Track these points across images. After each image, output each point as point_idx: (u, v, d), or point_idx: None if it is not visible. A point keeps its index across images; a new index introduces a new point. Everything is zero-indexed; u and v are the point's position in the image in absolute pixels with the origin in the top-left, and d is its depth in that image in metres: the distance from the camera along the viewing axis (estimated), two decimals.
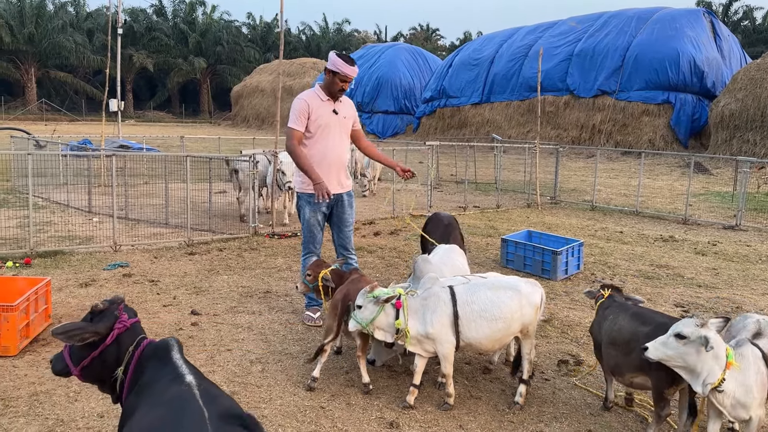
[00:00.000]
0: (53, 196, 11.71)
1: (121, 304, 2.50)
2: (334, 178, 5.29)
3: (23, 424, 3.49)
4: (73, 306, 5.55)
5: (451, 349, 3.82)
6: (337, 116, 5.30)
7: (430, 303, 3.83)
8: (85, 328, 2.40)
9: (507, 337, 3.90)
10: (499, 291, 3.87)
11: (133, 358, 2.36)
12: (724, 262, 8.34)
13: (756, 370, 3.04)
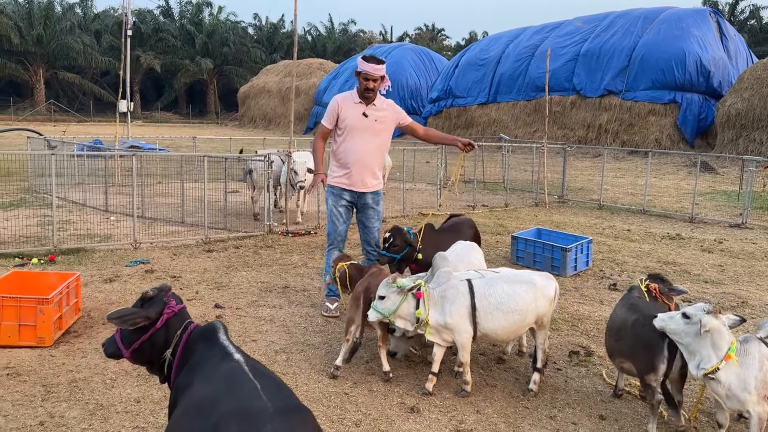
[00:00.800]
0: (70, 196, 11.94)
1: (169, 291, 2.70)
2: (357, 177, 5.49)
3: (65, 409, 3.70)
4: (100, 300, 5.76)
5: (469, 339, 4.00)
6: (366, 119, 5.44)
7: (449, 295, 4.02)
8: (137, 313, 2.60)
9: (522, 328, 4.08)
10: (515, 284, 4.06)
11: (181, 340, 2.56)
12: (730, 259, 8.50)
13: (759, 368, 3.14)
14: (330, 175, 5.61)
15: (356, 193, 5.53)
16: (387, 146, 5.73)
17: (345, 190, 5.56)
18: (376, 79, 5.34)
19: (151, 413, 3.68)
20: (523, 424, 3.71)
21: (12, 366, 4.23)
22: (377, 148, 5.57)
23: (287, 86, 44.96)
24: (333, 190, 5.58)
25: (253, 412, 1.98)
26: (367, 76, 5.32)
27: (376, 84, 5.37)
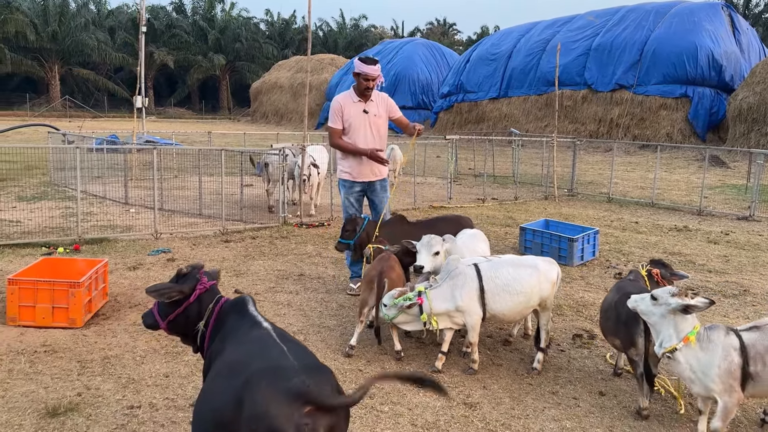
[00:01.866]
0: (89, 189, 12.28)
1: (201, 269, 2.97)
2: (366, 167, 6.10)
3: (100, 382, 3.98)
4: (126, 286, 6.05)
5: (478, 320, 4.24)
6: (367, 115, 6.03)
7: (458, 281, 4.26)
8: (172, 288, 2.88)
9: (527, 309, 4.33)
10: (519, 268, 4.30)
11: (213, 312, 2.83)
12: (736, 250, 8.65)
13: (723, 357, 3.25)
14: (340, 170, 6.16)
15: (366, 182, 6.14)
16: (385, 134, 6.26)
17: (356, 182, 6.15)
18: (375, 78, 5.89)
19: (180, 386, 3.95)
20: (526, 399, 3.94)
21: (48, 344, 4.52)
22: (379, 138, 6.15)
23: (299, 82, 45.22)
24: (345, 183, 6.17)
25: (281, 368, 2.24)
26: (367, 76, 5.87)
27: (374, 83, 5.91)
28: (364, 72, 5.86)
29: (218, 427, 2.29)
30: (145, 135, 18.57)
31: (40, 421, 3.47)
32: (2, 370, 4.07)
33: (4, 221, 8.95)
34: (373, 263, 4.87)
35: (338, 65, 45.16)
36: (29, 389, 3.83)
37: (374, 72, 5.86)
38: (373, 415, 3.68)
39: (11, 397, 3.73)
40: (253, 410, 2.12)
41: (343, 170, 6.16)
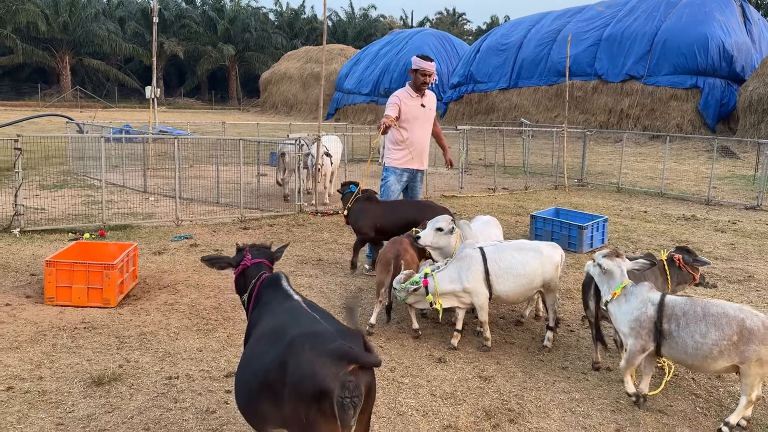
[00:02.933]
0: (108, 178, 12.55)
1: (247, 248, 3.26)
2: (416, 158, 6.59)
3: (138, 355, 4.25)
4: (153, 269, 6.33)
5: (485, 300, 4.49)
6: (423, 109, 6.52)
7: (464, 263, 4.53)
8: (222, 260, 3.32)
9: (531, 290, 4.59)
10: (523, 252, 4.56)
11: (255, 286, 3.10)
12: (742, 238, 8.84)
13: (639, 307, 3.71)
14: (390, 158, 6.58)
15: (413, 171, 6.68)
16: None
17: (407, 170, 6.63)
18: (431, 74, 6.31)
19: (213, 359, 4.22)
20: (538, 373, 4.19)
21: (87, 321, 4.80)
22: (429, 132, 6.74)
23: (308, 72, 45.37)
24: (395, 170, 6.61)
25: (321, 333, 2.49)
26: (424, 72, 6.31)
27: (430, 79, 6.33)
28: (422, 68, 6.28)
29: (262, 388, 2.55)
30: (158, 125, 18.83)
31: (86, 389, 3.74)
32: (47, 345, 4.35)
33: (29, 209, 9.24)
34: (387, 246, 5.12)
35: (347, 55, 45.25)
36: (73, 361, 4.11)
37: (429, 67, 6.27)
38: (395, 386, 3.93)
39: (58, 368, 4.01)
40: (299, 371, 2.37)
41: (395, 158, 6.58)
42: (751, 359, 3.42)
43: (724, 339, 3.45)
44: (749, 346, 3.41)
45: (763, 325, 3.43)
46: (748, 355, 3.42)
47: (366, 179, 6.98)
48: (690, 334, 3.54)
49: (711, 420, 3.67)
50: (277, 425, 2.55)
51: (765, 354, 3.40)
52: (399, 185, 6.66)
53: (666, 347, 3.63)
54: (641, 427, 3.54)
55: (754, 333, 3.42)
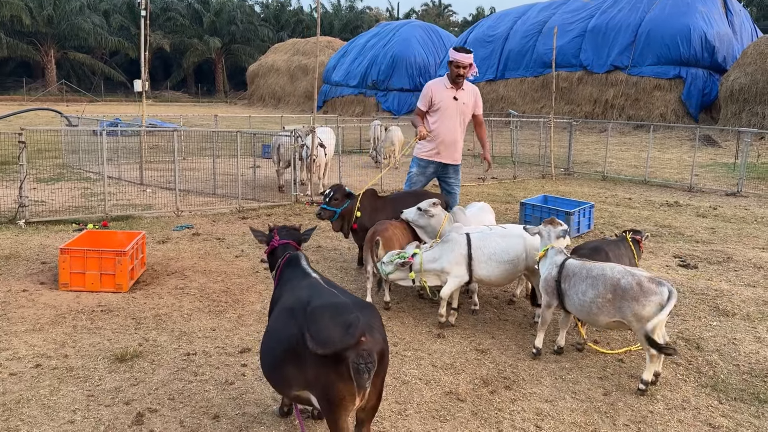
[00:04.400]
0: (103, 171, 12.70)
1: (275, 229, 3.60)
2: (446, 152, 6.46)
3: (155, 335, 4.51)
4: (160, 257, 6.56)
5: (459, 282, 4.78)
6: (456, 102, 6.35)
7: (448, 246, 4.84)
8: (260, 236, 3.73)
9: (514, 275, 4.88)
10: (507, 238, 4.84)
11: (279, 265, 3.39)
12: (722, 222, 9.22)
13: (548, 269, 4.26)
14: (419, 149, 6.53)
15: (442, 165, 6.52)
16: (465, 123, 6.58)
17: (432, 162, 6.51)
18: (466, 66, 6.20)
19: (227, 337, 4.49)
20: (530, 346, 4.49)
21: (103, 305, 5.05)
22: (462, 127, 6.52)
23: (296, 65, 45.40)
24: (420, 162, 6.54)
25: (339, 304, 2.78)
26: (458, 64, 6.19)
27: (466, 71, 6.23)
28: (456, 59, 6.16)
29: (285, 354, 2.83)
30: (148, 119, 18.87)
31: (110, 365, 4.00)
32: (67, 326, 4.60)
33: (30, 201, 9.41)
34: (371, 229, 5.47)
35: (335, 48, 45.32)
36: (95, 341, 4.36)
37: (466, 59, 6.14)
38: (399, 358, 4.23)
39: (81, 347, 4.26)
40: (319, 338, 2.65)
41: (421, 150, 6.52)
42: (629, 315, 3.81)
43: (599, 297, 3.92)
44: (624, 303, 3.82)
45: (638, 285, 3.79)
46: (625, 312, 3.83)
47: (359, 170, 7.22)
48: (575, 293, 4.05)
49: (690, 385, 3.99)
50: (300, 388, 2.83)
51: (640, 311, 3.76)
52: (423, 177, 6.58)
53: (565, 304, 4.17)
54: (626, 392, 3.87)
55: (627, 291, 3.81)
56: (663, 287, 3.79)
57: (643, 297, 3.78)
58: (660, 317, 3.73)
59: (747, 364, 4.31)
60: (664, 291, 3.77)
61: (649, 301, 3.76)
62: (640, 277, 3.84)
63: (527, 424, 3.46)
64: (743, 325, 5.04)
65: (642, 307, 3.77)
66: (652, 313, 3.74)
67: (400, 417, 3.50)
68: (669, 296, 3.75)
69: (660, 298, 3.75)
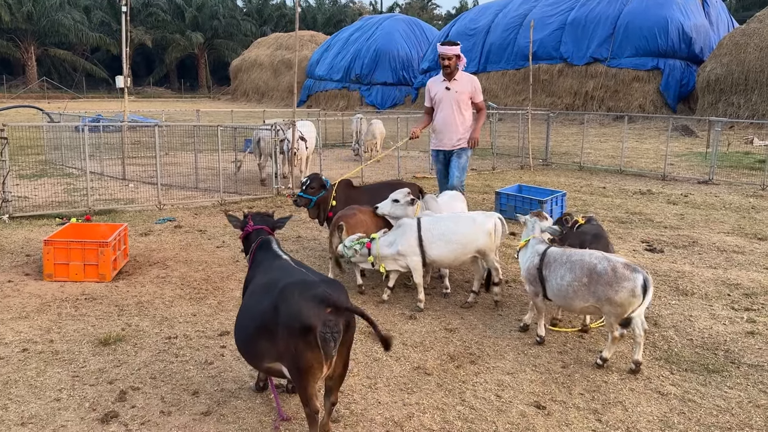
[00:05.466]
0: (86, 166, 12.78)
1: (249, 215, 3.77)
2: (446, 138, 6.94)
3: (138, 321, 4.69)
4: (142, 249, 6.73)
5: (418, 262, 5.01)
6: (449, 92, 6.79)
7: (401, 231, 5.11)
8: (236, 221, 3.90)
9: (464, 255, 5.04)
10: (457, 220, 5.10)
11: (253, 249, 3.60)
12: (692, 209, 9.52)
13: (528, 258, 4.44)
14: (431, 142, 7.19)
15: (447, 152, 6.99)
16: (469, 113, 6.94)
17: (439, 151, 7.06)
18: (451, 57, 6.65)
19: (207, 322, 4.69)
20: (496, 325, 4.74)
21: (87, 293, 5.22)
22: (461, 114, 6.88)
23: (279, 59, 45.37)
24: (433, 153, 7.20)
25: (307, 281, 2.99)
26: (443, 55, 6.70)
27: (452, 62, 6.67)
28: (441, 52, 6.68)
29: (259, 329, 3.04)
30: (130, 115, 18.89)
31: (95, 349, 4.19)
32: (52, 314, 4.77)
33: (13, 197, 9.50)
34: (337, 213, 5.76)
35: (318, 42, 45.35)
36: (79, 327, 4.54)
37: (447, 51, 6.62)
38: (371, 338, 4.44)
39: (66, 333, 4.43)
40: (289, 312, 2.87)
41: (432, 142, 7.17)
42: (602, 299, 3.98)
43: (576, 280, 4.08)
44: (598, 288, 3.97)
45: (613, 270, 3.93)
46: (599, 296, 3.99)
47: (340, 163, 7.44)
48: (555, 277, 4.21)
49: (645, 358, 4.24)
50: (272, 360, 3.04)
51: (613, 296, 3.92)
52: (440, 165, 7.11)
53: (549, 291, 4.30)
54: (583, 365, 4.11)
55: (602, 276, 3.97)
56: (637, 274, 3.90)
57: (616, 282, 3.91)
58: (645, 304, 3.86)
59: (700, 339, 4.58)
60: (638, 278, 3.88)
61: (621, 286, 3.90)
62: (616, 263, 3.97)
63: (488, 394, 3.69)
64: (700, 303, 5.31)
65: (615, 293, 3.91)
66: (624, 299, 3.89)
67: (370, 390, 3.72)
68: (645, 284, 3.86)
69: (632, 284, 3.87)
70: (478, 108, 7.03)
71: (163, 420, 3.36)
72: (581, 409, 3.56)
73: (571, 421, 3.43)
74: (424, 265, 5.08)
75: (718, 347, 4.43)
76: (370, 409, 3.51)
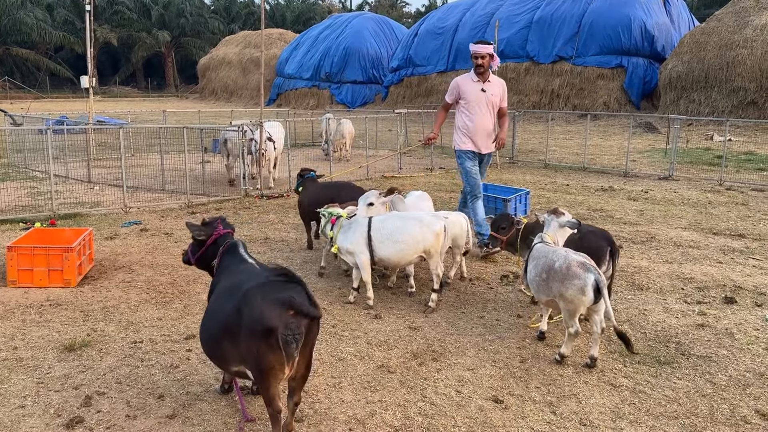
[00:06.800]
0: (50, 169, 12.59)
1: (219, 219, 3.80)
2: (480, 142, 6.88)
3: (104, 326, 4.71)
4: (108, 253, 6.70)
5: (366, 261, 5.11)
6: (484, 93, 6.70)
7: (352, 227, 5.21)
8: (201, 229, 3.84)
9: (411, 255, 5.11)
10: (405, 220, 5.19)
11: (221, 252, 3.65)
12: (651, 205, 9.81)
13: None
14: (458, 142, 6.99)
15: (479, 154, 6.96)
16: (495, 115, 6.93)
17: (475, 153, 6.94)
18: (484, 56, 6.53)
19: (173, 326, 4.72)
20: (459, 322, 4.87)
21: (52, 299, 5.20)
22: (491, 117, 6.86)
23: (248, 57, 45.02)
24: (466, 154, 6.94)
25: (269, 285, 3.06)
26: (476, 54, 6.56)
27: (485, 61, 6.55)
28: (474, 50, 6.57)
29: (223, 332, 3.11)
30: (95, 116, 18.65)
31: (60, 355, 4.20)
32: (16, 320, 4.75)
33: None
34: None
35: (287, 40, 45.10)
36: (44, 333, 4.54)
37: (481, 50, 6.51)
38: (336, 338, 4.54)
39: (30, 339, 4.43)
40: (251, 315, 2.94)
41: (463, 142, 6.93)
42: (557, 295, 4.14)
43: (538, 276, 4.28)
44: (553, 284, 4.14)
45: (567, 268, 4.07)
46: (554, 292, 4.15)
47: (310, 162, 7.53)
48: (530, 271, 4.42)
49: (600, 352, 4.41)
50: (237, 362, 3.11)
51: (564, 292, 4.06)
52: (474, 167, 7.00)
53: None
54: (541, 359, 4.27)
55: (557, 273, 4.11)
56: (589, 274, 4.00)
57: (567, 279, 4.05)
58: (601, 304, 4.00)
59: (653, 332, 4.77)
60: (589, 278, 3.98)
61: (571, 284, 4.03)
62: (572, 262, 4.09)
63: (449, 390, 3.82)
64: (655, 297, 5.52)
65: (565, 289, 4.04)
66: (573, 296, 4.02)
67: (334, 389, 3.81)
68: (596, 284, 3.96)
69: (581, 282, 3.99)
70: (502, 112, 7.03)
71: (128, 424, 3.41)
72: (537, 402, 3.71)
73: (527, 414, 3.57)
74: (374, 263, 5.18)
75: (669, 340, 4.62)
76: (334, 408, 3.60)
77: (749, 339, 4.61)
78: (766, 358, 4.29)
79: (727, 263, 6.57)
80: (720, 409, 3.65)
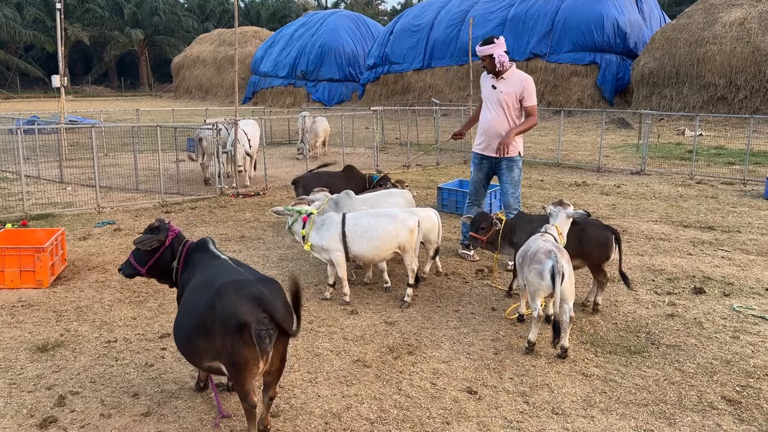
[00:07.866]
0: (21, 170, 12.39)
1: (169, 221, 3.74)
2: (487, 140, 6.28)
3: (77, 326, 4.66)
4: (81, 253, 6.63)
5: (341, 258, 5.14)
6: (494, 90, 6.14)
7: (326, 224, 5.22)
8: (152, 237, 3.68)
9: (386, 251, 5.16)
10: (379, 217, 5.22)
11: (182, 252, 3.61)
12: (623, 199, 9.97)
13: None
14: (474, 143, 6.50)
15: (491, 159, 6.31)
16: (516, 116, 6.16)
17: (483, 157, 6.38)
18: (484, 58, 6.07)
19: (147, 325, 4.70)
20: (434, 316, 4.92)
21: (24, 300, 5.14)
22: (505, 115, 6.15)
23: (222, 55, 44.66)
24: (474, 157, 6.49)
25: (243, 280, 3.07)
26: (479, 56, 6.17)
27: (487, 62, 6.07)
28: (477, 51, 6.15)
29: (197, 327, 3.11)
30: (68, 115, 18.38)
31: (32, 356, 4.15)
32: None
33: None
34: None
35: (262, 38, 44.81)
36: (16, 334, 4.48)
37: (482, 50, 5.99)
38: (313, 334, 4.56)
39: (2, 341, 4.38)
40: (224, 310, 2.95)
41: (475, 143, 6.47)
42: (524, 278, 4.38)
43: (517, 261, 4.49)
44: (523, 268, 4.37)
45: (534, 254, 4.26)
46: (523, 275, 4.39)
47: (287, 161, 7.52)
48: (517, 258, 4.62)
49: (572, 343, 4.49)
50: (211, 358, 3.12)
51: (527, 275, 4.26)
52: (480, 174, 6.44)
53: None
54: (514, 351, 4.33)
55: (526, 258, 4.35)
56: (548, 260, 4.14)
57: (530, 264, 4.25)
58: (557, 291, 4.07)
59: (624, 323, 4.87)
60: (547, 264, 4.13)
61: (532, 268, 4.22)
62: (539, 249, 4.23)
63: (424, 383, 3.86)
64: (626, 289, 5.62)
65: (529, 272, 4.25)
66: (532, 279, 4.19)
67: (311, 384, 3.83)
68: (552, 271, 4.08)
69: (540, 267, 4.16)
70: (527, 112, 6.16)
71: (102, 422, 3.39)
72: (510, 392, 3.77)
73: (501, 404, 3.63)
74: (348, 260, 5.20)
75: (640, 330, 4.72)
76: (310, 403, 3.62)
77: (717, 328, 4.73)
78: (733, 346, 4.40)
79: (697, 255, 6.72)
80: (688, 395, 3.74)
